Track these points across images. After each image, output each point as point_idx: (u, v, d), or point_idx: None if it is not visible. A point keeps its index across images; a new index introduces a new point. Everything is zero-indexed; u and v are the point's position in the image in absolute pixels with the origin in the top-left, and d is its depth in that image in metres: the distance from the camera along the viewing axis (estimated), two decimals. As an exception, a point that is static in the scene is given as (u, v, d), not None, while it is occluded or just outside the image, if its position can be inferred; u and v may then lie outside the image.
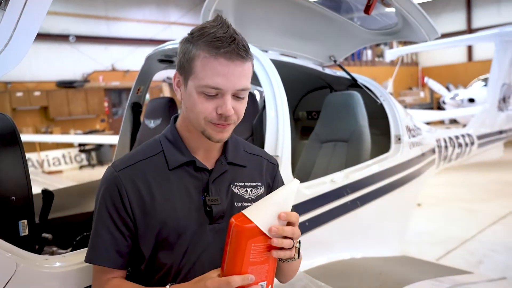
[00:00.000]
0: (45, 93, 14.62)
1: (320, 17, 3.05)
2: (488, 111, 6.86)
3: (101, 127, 15.83)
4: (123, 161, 1.25)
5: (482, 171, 8.31)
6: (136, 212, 1.19)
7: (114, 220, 1.19)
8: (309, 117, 3.91)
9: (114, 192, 1.19)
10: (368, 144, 2.95)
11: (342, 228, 2.48)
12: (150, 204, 1.19)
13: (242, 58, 1.14)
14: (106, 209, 1.20)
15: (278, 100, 2.24)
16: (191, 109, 1.19)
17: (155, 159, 1.25)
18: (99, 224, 1.20)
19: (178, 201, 1.21)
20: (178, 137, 1.27)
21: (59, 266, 1.41)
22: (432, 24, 2.72)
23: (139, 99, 3.24)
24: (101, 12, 16.36)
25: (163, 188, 1.21)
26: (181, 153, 1.25)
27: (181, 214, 1.20)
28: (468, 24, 22.35)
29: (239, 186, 1.29)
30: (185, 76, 1.19)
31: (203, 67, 1.13)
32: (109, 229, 1.19)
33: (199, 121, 1.18)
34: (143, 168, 1.22)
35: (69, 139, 12.43)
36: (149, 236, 1.20)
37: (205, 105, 1.15)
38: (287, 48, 3.28)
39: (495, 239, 5.03)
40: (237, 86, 1.15)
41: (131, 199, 1.19)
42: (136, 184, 1.20)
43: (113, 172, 1.22)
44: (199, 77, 1.14)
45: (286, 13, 3.00)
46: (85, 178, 11.01)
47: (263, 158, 1.41)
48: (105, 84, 16.21)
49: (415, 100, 20.02)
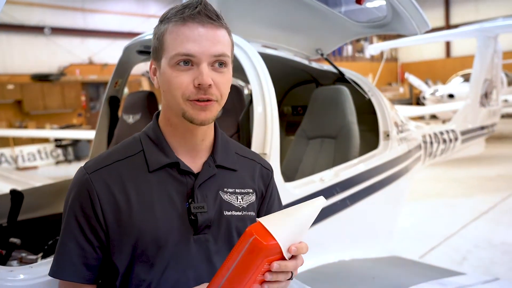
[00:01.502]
0: (19, 87, 14.19)
1: (307, 9, 2.93)
2: (470, 106, 6.89)
3: (78, 122, 15.47)
4: (97, 162, 1.10)
5: (463, 166, 8.39)
6: (109, 220, 1.05)
7: (83, 230, 1.05)
8: (294, 113, 3.80)
9: (84, 198, 1.05)
10: (356, 141, 2.86)
11: (331, 228, 2.39)
12: (126, 212, 1.05)
13: (213, 21, 1.04)
14: (74, 216, 1.06)
15: (266, 94, 2.12)
16: (167, 90, 1.06)
17: (133, 160, 1.10)
18: (66, 233, 1.07)
19: (158, 208, 1.06)
20: (161, 135, 1.13)
21: (25, 278, 1.27)
22: (424, 16, 2.63)
23: (117, 93, 3.07)
24: (78, 3, 15.96)
25: (141, 192, 1.06)
26: (164, 153, 1.11)
27: (161, 223, 1.05)
28: (446, 20, 22.68)
29: (229, 193, 1.15)
30: (158, 57, 1.08)
31: (172, 38, 1.04)
32: (77, 240, 1.05)
33: (178, 101, 1.04)
34: (119, 170, 1.08)
35: (45, 134, 12.06)
36: (124, 248, 1.05)
37: (179, 78, 1.03)
38: (272, 41, 3.16)
39: (478, 234, 5.04)
40: (212, 51, 1.03)
41: (103, 206, 1.05)
42: (110, 189, 1.06)
43: (84, 174, 1.07)
44: (170, 49, 1.04)
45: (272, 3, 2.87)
46: (61, 174, 10.72)
47: (256, 162, 1.27)
48: (82, 78, 15.85)
49: (394, 95, 20.21)
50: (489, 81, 7.18)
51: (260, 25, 3.01)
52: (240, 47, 2.25)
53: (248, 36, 2.94)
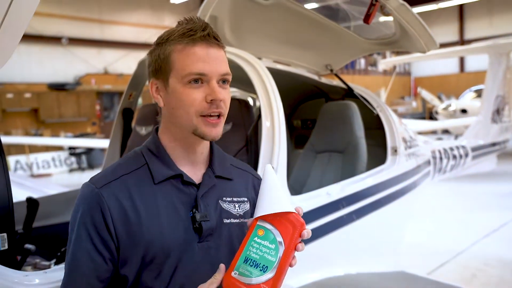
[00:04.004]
0: (36, 95, 14.48)
1: (317, 26, 3.00)
2: (482, 123, 6.86)
3: (92, 131, 15.68)
4: (104, 177, 1.14)
5: (475, 182, 8.30)
6: (119, 232, 1.09)
7: (95, 243, 1.09)
8: (303, 126, 3.85)
9: (95, 211, 1.09)
10: (364, 156, 2.89)
11: (337, 242, 2.41)
12: (136, 223, 1.10)
13: (218, 43, 1.15)
14: (86, 230, 1.09)
15: (274, 109, 2.18)
16: (178, 108, 1.13)
17: (138, 173, 1.16)
18: (78, 246, 1.09)
19: (165, 218, 1.12)
20: (162, 149, 1.19)
21: (39, 283, 1.33)
22: (431, 35, 2.67)
23: (131, 105, 3.16)
24: (95, 15, 16.28)
25: (148, 204, 1.12)
26: (167, 166, 1.17)
27: (168, 232, 1.11)
28: (461, 35, 22.59)
29: (227, 202, 1.22)
30: (163, 77, 1.15)
31: (183, 57, 1.11)
32: (89, 253, 1.08)
33: (190, 117, 1.12)
34: (126, 184, 1.13)
35: (59, 142, 12.27)
36: (134, 258, 1.10)
37: (193, 95, 1.11)
38: (283, 56, 3.23)
39: (488, 252, 4.99)
40: (220, 70, 1.13)
41: (114, 219, 1.09)
42: (120, 202, 1.10)
43: (93, 189, 1.11)
44: (181, 68, 1.11)
45: (283, 20, 2.95)
46: (74, 181, 10.86)
47: (248, 173, 1.36)
48: (98, 87, 16.10)
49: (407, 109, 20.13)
50: (501, 98, 7.15)
51: (271, 40, 3.09)
52: (249, 63, 2.32)
53: (259, 51, 3.03)
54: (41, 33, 14.43)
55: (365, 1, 2.37)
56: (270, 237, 1.05)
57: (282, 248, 1.04)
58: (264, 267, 1.02)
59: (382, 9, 2.33)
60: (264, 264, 1.03)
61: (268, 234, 1.06)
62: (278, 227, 1.06)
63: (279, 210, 1.07)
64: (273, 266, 1.02)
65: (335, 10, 2.98)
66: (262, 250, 1.05)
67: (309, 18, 2.93)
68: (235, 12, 2.76)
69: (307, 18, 2.93)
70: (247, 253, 1.05)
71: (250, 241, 1.07)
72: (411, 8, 2.44)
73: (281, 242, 1.04)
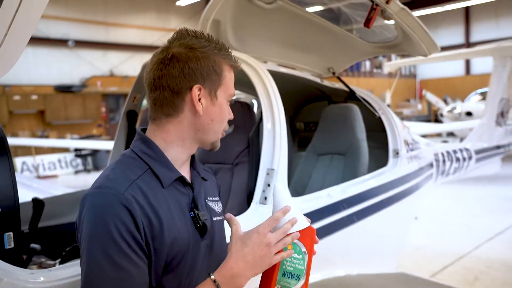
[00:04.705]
0: (43, 97, 14.60)
1: (320, 29, 3.03)
2: (486, 125, 6.85)
3: (98, 132, 15.78)
4: (118, 182, 1.09)
5: (479, 185, 8.28)
6: (148, 236, 1.07)
7: (134, 249, 1.04)
8: (306, 129, 3.88)
9: (125, 216, 1.03)
10: (365, 158, 2.92)
11: (338, 243, 2.44)
12: (158, 227, 1.09)
13: None
14: (121, 237, 1.02)
15: (275, 112, 2.21)
16: (218, 121, 1.23)
17: (145, 178, 1.14)
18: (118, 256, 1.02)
19: (177, 220, 1.15)
20: (160, 151, 1.19)
21: (44, 281, 1.36)
22: (432, 39, 2.69)
23: (135, 107, 3.20)
24: (100, 17, 16.39)
25: (164, 208, 1.12)
26: (169, 169, 1.18)
27: (182, 234, 1.15)
28: (467, 37, 22.51)
29: (211, 201, 1.30)
30: (212, 87, 1.19)
31: (230, 78, 1.24)
32: (136, 263, 1.04)
33: (220, 131, 1.25)
34: (141, 188, 1.10)
35: (65, 143, 12.36)
36: (159, 261, 1.10)
37: (227, 114, 1.26)
38: (286, 59, 3.26)
39: (492, 255, 4.98)
40: None
41: (144, 222, 1.06)
42: (141, 206, 1.08)
43: (115, 193, 1.05)
44: (229, 87, 1.23)
45: (285, 24, 2.98)
46: (80, 183, 10.93)
47: (211, 174, 1.43)
48: (103, 89, 16.20)
49: (412, 112, 20.07)
50: (506, 100, 7.13)
51: (273, 44, 3.12)
52: (251, 66, 2.35)
53: (261, 55, 3.06)
54: (48, 36, 14.56)
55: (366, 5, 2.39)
56: (297, 250, 1.22)
57: (307, 256, 1.22)
58: (297, 276, 1.21)
59: (382, 14, 2.35)
60: (297, 274, 1.21)
61: (295, 247, 1.23)
62: (302, 240, 1.23)
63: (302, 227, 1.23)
64: (303, 274, 1.21)
65: (337, 14, 3.01)
66: (294, 262, 1.22)
67: (311, 21, 2.96)
68: (237, 16, 2.79)
69: (309, 21, 2.96)
70: (284, 268, 1.21)
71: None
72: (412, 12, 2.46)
73: (305, 252, 1.23)
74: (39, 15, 1.20)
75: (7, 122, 13.75)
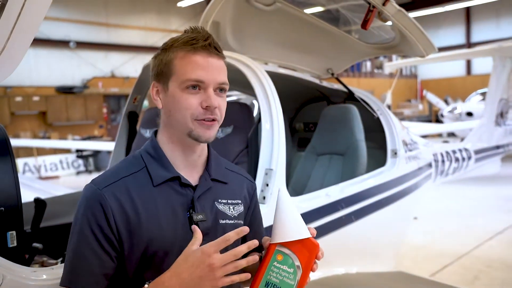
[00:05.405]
0: (44, 98, 14.65)
1: (318, 30, 3.06)
2: (485, 125, 6.87)
3: (99, 133, 15.83)
4: (105, 178, 1.20)
5: (479, 185, 8.30)
6: (121, 230, 1.15)
7: (99, 240, 1.13)
8: (306, 129, 3.91)
9: (98, 211, 1.14)
10: (364, 158, 2.94)
11: (336, 242, 2.46)
12: (136, 222, 1.15)
13: (219, 53, 1.21)
14: (89, 228, 1.13)
15: (274, 112, 2.23)
16: (175, 110, 1.20)
17: (138, 176, 1.21)
18: (83, 244, 1.13)
19: (163, 218, 1.18)
20: (161, 152, 1.25)
21: (46, 279, 1.39)
22: (430, 40, 2.72)
23: (136, 108, 3.23)
24: (102, 18, 16.44)
25: (148, 205, 1.17)
26: (165, 169, 1.23)
27: (167, 232, 1.17)
28: (467, 38, 22.51)
29: (222, 203, 1.28)
30: (164, 80, 1.22)
31: (183, 64, 1.18)
32: (94, 250, 1.13)
33: (186, 121, 1.19)
34: (126, 185, 1.18)
35: (67, 144, 12.40)
36: (134, 255, 1.16)
37: (189, 100, 1.18)
38: (285, 61, 3.29)
39: (492, 254, 5.00)
40: (218, 79, 1.20)
41: (116, 217, 1.14)
42: (120, 202, 1.16)
43: (95, 189, 1.16)
44: (180, 74, 1.18)
45: (284, 25, 3.01)
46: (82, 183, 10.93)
47: (243, 176, 1.42)
48: (104, 90, 16.25)
49: (413, 112, 20.06)
50: (505, 101, 7.15)
51: (272, 45, 3.15)
52: (249, 67, 2.38)
53: (261, 56, 3.08)
54: (49, 37, 14.61)
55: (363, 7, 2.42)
56: (288, 262, 1.10)
57: (300, 271, 1.09)
58: None
59: (379, 15, 2.38)
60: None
61: (287, 259, 1.10)
62: (296, 252, 1.11)
63: (297, 237, 1.11)
64: None
65: (335, 15, 3.04)
66: (281, 274, 1.10)
67: (310, 23, 2.99)
68: (237, 18, 2.82)
69: (308, 23, 2.99)
70: (268, 278, 1.10)
71: (270, 266, 1.12)
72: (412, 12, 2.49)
73: (299, 266, 1.10)
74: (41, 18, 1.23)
75: (9, 123, 13.81)
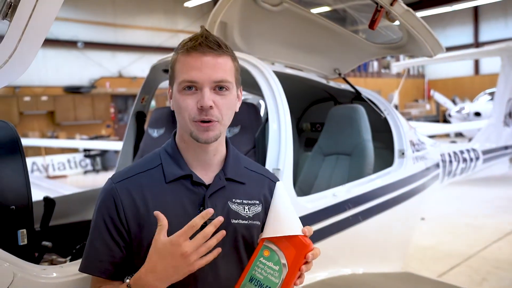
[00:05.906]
0: (52, 98, 14.77)
1: (325, 30, 3.06)
2: (493, 126, 6.82)
3: (107, 133, 15.92)
4: (122, 173, 1.28)
5: (488, 186, 8.25)
6: (131, 223, 1.21)
7: (110, 231, 1.21)
8: (313, 129, 3.91)
9: (110, 203, 1.22)
10: (371, 158, 2.94)
11: (343, 242, 2.46)
12: (145, 216, 1.21)
13: (214, 51, 1.19)
14: (102, 219, 1.22)
15: (281, 112, 2.24)
16: (177, 112, 1.24)
17: (153, 172, 1.27)
18: (95, 234, 1.23)
19: (172, 214, 1.19)
20: (176, 150, 1.29)
21: (57, 276, 1.41)
22: (437, 40, 2.71)
23: (143, 108, 3.25)
24: (109, 19, 16.53)
25: (158, 200, 1.22)
26: (179, 166, 1.26)
27: (175, 228, 1.17)
28: (475, 37, 22.36)
29: (236, 203, 1.28)
30: (171, 83, 1.26)
31: (179, 66, 1.21)
32: (105, 240, 1.21)
33: (186, 122, 1.21)
34: (140, 181, 1.25)
35: (75, 144, 12.48)
36: (143, 247, 1.20)
37: (186, 101, 1.20)
38: (292, 61, 3.29)
39: (500, 256, 4.97)
40: (213, 77, 1.18)
41: (126, 211, 1.21)
42: (132, 196, 1.22)
43: (110, 183, 1.25)
44: (178, 76, 1.21)
45: (291, 26, 3.01)
46: (89, 183, 11.04)
47: (265, 176, 1.40)
48: (112, 90, 16.34)
49: (421, 112, 19.97)
50: (514, 101, 7.10)
51: (280, 46, 3.15)
52: (256, 67, 2.39)
53: (268, 56, 3.09)
54: (57, 37, 14.71)
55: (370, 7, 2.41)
56: (274, 259, 1.07)
57: (286, 270, 1.05)
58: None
59: (387, 15, 2.38)
60: (267, 285, 1.06)
61: (273, 256, 1.08)
62: (283, 249, 1.07)
63: (285, 233, 1.08)
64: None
65: (342, 15, 3.04)
66: (266, 271, 1.08)
67: (317, 23, 2.99)
68: (244, 18, 2.83)
69: (315, 23, 2.99)
70: (253, 273, 1.09)
71: (256, 261, 1.11)
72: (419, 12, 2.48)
73: (285, 264, 1.06)
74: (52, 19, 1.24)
75: (18, 123, 13.93)
